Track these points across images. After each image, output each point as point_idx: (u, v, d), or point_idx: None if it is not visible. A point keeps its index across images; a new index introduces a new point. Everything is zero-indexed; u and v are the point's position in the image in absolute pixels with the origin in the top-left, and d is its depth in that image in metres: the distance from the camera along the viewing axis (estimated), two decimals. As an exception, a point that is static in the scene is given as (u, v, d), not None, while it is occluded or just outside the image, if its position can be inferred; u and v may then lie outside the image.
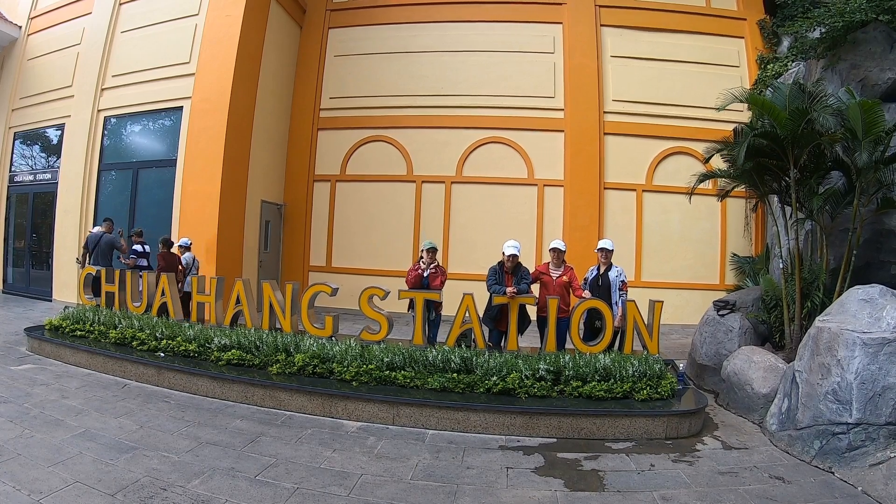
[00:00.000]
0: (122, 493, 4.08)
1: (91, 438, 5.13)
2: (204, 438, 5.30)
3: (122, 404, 6.21)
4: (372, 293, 7.20)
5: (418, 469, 4.79)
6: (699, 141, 10.50)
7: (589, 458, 5.10)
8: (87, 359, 7.63)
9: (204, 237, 10.87)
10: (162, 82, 12.48)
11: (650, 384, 6.07)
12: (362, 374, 6.33)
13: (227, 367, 6.83)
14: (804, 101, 6.73)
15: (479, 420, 5.72)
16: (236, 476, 4.50)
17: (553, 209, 12.86)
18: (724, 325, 7.71)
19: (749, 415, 6.22)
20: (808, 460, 4.97)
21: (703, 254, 12.57)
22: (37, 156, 15.42)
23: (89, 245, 10.60)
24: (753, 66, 12.50)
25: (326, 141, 14.17)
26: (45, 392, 6.47)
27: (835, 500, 4.17)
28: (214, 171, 11.04)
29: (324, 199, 14.07)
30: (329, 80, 14.32)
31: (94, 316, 8.29)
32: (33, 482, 4.15)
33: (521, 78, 13.22)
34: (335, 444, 5.28)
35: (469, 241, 12.88)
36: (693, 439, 5.61)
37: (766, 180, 7.76)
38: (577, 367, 6.18)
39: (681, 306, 11.36)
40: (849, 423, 4.80)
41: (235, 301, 7.73)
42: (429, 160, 13.46)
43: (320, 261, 13.93)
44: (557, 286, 7.23)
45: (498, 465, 4.90)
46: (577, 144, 12.77)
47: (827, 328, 5.32)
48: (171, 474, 4.46)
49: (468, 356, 6.42)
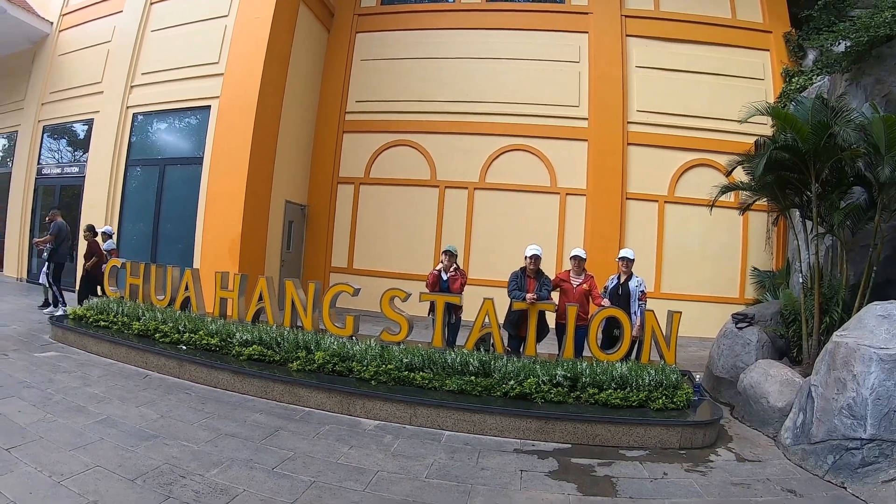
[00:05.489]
0: (141, 478, 4.18)
1: (112, 425, 5.25)
2: (223, 430, 5.41)
3: (143, 394, 6.34)
4: (393, 294, 7.28)
5: (434, 468, 4.86)
6: (723, 154, 10.47)
7: (603, 464, 5.14)
8: (109, 349, 7.77)
9: (228, 235, 11.01)
10: (190, 81, 12.62)
11: (666, 394, 6.08)
12: (381, 374, 6.41)
13: (247, 362, 6.93)
14: (827, 115, 6.73)
15: (496, 423, 5.78)
16: (254, 467, 4.59)
17: (575, 218, 12.85)
18: (742, 337, 7.67)
19: (764, 428, 6.19)
20: (821, 475, 4.95)
21: (723, 267, 12.49)
22: (64, 149, 15.69)
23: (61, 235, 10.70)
24: (778, 79, 12.42)
25: (351, 144, 14.27)
26: (68, 379, 6.61)
27: None
28: (240, 170, 11.17)
29: (347, 202, 14.18)
30: (355, 83, 14.43)
31: (117, 307, 8.41)
32: (54, 464, 4.26)
33: (546, 86, 13.24)
34: (352, 441, 5.37)
35: (491, 247, 12.90)
36: (707, 450, 5.61)
37: (787, 194, 7.75)
38: (593, 375, 6.21)
39: (699, 319, 11.28)
40: (863, 438, 4.78)
41: (258, 298, 7.84)
42: (452, 166, 13.53)
43: (342, 262, 14.03)
44: (577, 294, 7.28)
45: (512, 468, 4.96)
46: (600, 154, 12.77)
47: (844, 343, 5.30)
48: (190, 463, 4.56)
49: (486, 360, 6.48)
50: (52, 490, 3.88)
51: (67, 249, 11.03)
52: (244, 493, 4.10)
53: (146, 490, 4.02)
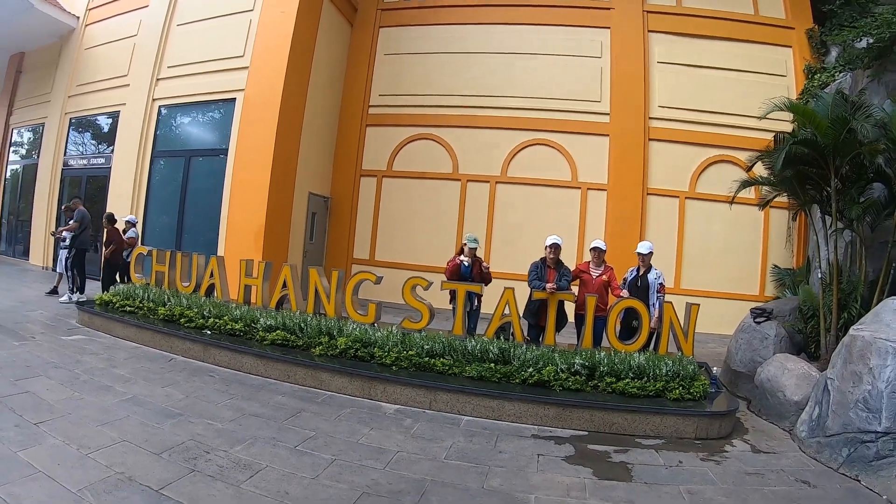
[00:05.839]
0: (167, 452, 4.33)
1: (138, 404, 5.41)
2: (247, 410, 5.56)
3: (168, 375, 6.52)
4: (415, 283, 7.37)
5: (452, 450, 4.96)
6: (745, 150, 10.38)
7: (619, 451, 5.20)
8: (135, 333, 7.95)
9: (252, 226, 11.19)
10: (216, 74, 12.82)
11: (683, 384, 6.10)
12: (402, 360, 6.53)
13: (271, 347, 7.08)
14: (846, 109, 6.71)
15: (514, 409, 5.86)
16: (277, 445, 4.73)
17: (596, 212, 12.87)
18: (760, 332, 7.67)
19: (780, 421, 6.19)
20: (835, 467, 4.94)
21: (743, 264, 12.45)
22: (90, 141, 16.00)
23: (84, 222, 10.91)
24: (801, 75, 12.33)
25: (374, 137, 14.40)
26: (95, 360, 6.79)
27: None
28: (264, 162, 11.33)
29: (370, 194, 14.32)
30: (378, 77, 14.54)
31: (143, 293, 8.61)
32: (82, 438, 4.41)
33: (568, 81, 13.25)
34: (373, 423, 5.49)
35: (512, 240, 12.95)
36: (722, 441, 5.63)
37: (806, 189, 7.75)
38: (611, 364, 6.26)
39: (719, 316, 11.23)
40: (878, 431, 4.77)
41: (282, 285, 7.96)
42: (474, 160, 13.61)
43: (364, 254, 14.17)
44: (596, 285, 7.33)
45: (529, 452, 5.04)
46: (621, 149, 12.79)
47: (860, 336, 5.31)
48: (214, 440, 4.71)
49: (506, 347, 6.57)
50: (79, 461, 4.01)
51: (89, 237, 11.29)
52: (267, 469, 4.23)
53: (171, 463, 4.16)
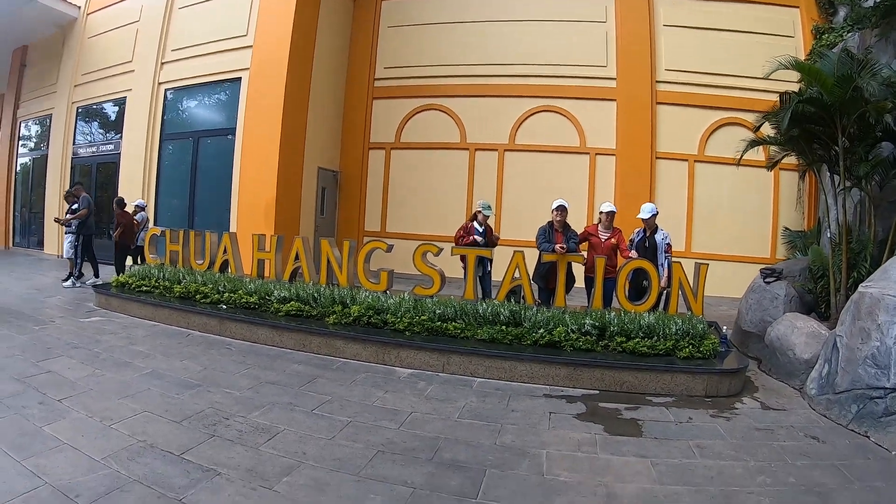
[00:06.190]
0: (187, 420, 4.45)
1: (157, 377, 5.54)
2: (263, 379, 5.67)
3: (186, 350, 6.65)
4: (426, 249, 7.44)
5: (465, 410, 5.05)
6: (753, 112, 10.25)
7: (629, 408, 5.26)
8: (152, 312, 8.09)
9: (263, 202, 11.31)
10: (220, 55, 12.90)
11: (693, 343, 6.12)
12: (415, 325, 6.62)
13: (285, 318, 7.18)
14: (852, 67, 6.65)
15: (525, 370, 5.94)
16: (294, 410, 4.84)
17: (605, 178, 12.87)
18: (770, 292, 7.67)
19: (790, 380, 6.19)
20: (844, 424, 4.93)
21: (754, 227, 12.42)
22: (99, 128, 16.16)
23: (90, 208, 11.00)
24: (808, 36, 12.12)
25: (381, 110, 14.43)
26: (113, 339, 6.91)
27: (867, 461, 4.19)
28: (273, 138, 11.42)
29: (378, 167, 14.40)
30: (383, 50, 14.53)
31: (158, 273, 8.73)
32: (104, 411, 4.52)
33: (574, 47, 13.17)
34: (387, 387, 5.60)
35: (521, 208, 12.94)
36: (732, 399, 5.67)
37: (814, 148, 7.70)
38: (621, 324, 6.30)
39: (730, 279, 11.23)
40: (886, 387, 4.75)
41: (294, 257, 8.07)
42: (482, 128, 13.62)
43: (375, 226, 14.27)
44: (606, 248, 7.36)
45: (541, 410, 5.13)
46: (628, 113, 12.74)
47: (869, 293, 5.29)
48: (233, 407, 4.82)
49: (517, 310, 6.63)
50: (102, 432, 4.12)
51: (94, 222, 11.42)
52: (284, 431, 4.34)
53: (192, 430, 4.27)
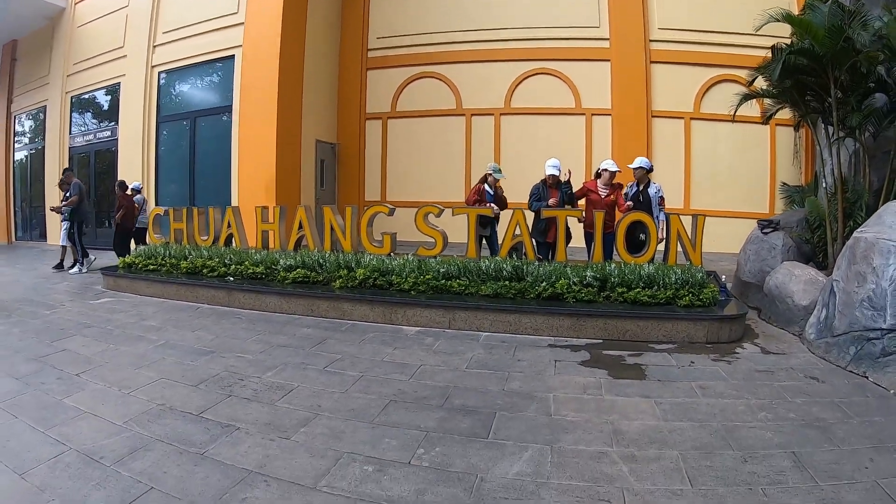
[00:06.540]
0: (203, 384, 4.58)
1: (171, 347, 5.67)
2: (274, 343, 5.82)
3: (197, 321, 6.79)
4: (427, 211, 7.56)
5: (473, 361, 5.20)
6: (748, 69, 10.25)
7: (632, 355, 5.40)
8: (160, 289, 8.22)
9: (263, 178, 11.38)
10: (212, 34, 12.90)
11: (692, 292, 6.22)
12: (420, 285, 6.74)
13: (292, 286, 7.31)
14: (843, 19, 6.68)
15: (530, 322, 6.07)
16: (306, 368, 4.98)
17: (602, 138, 12.93)
18: (767, 242, 7.74)
19: (789, 326, 6.28)
20: (843, 366, 5.02)
21: (752, 183, 12.47)
22: (94, 117, 16.17)
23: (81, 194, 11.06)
24: (802, -11, 12.15)
25: (376, 80, 14.46)
26: (125, 317, 7.03)
27: (866, 398, 4.28)
28: (269, 114, 11.45)
29: (376, 137, 14.46)
30: (375, 20, 14.51)
31: (164, 251, 8.82)
32: (121, 381, 4.64)
33: (566, 8, 13.15)
34: (396, 344, 5.74)
35: (519, 171, 12.63)
36: (733, 344, 5.78)
37: (807, 100, 7.74)
38: (622, 275, 6.41)
39: (729, 235, 11.25)
40: (883, 328, 4.83)
41: (298, 226, 8.18)
42: (477, 94, 13.65)
43: (375, 196, 14.33)
44: (605, 204, 7.47)
45: (547, 359, 5.26)
46: (623, 73, 12.76)
47: (863, 238, 5.36)
48: (247, 369, 4.96)
49: (519, 265, 6.75)
50: (122, 400, 4.24)
51: (87, 207, 11.51)
52: (299, 388, 4.48)
53: (209, 392, 4.40)
